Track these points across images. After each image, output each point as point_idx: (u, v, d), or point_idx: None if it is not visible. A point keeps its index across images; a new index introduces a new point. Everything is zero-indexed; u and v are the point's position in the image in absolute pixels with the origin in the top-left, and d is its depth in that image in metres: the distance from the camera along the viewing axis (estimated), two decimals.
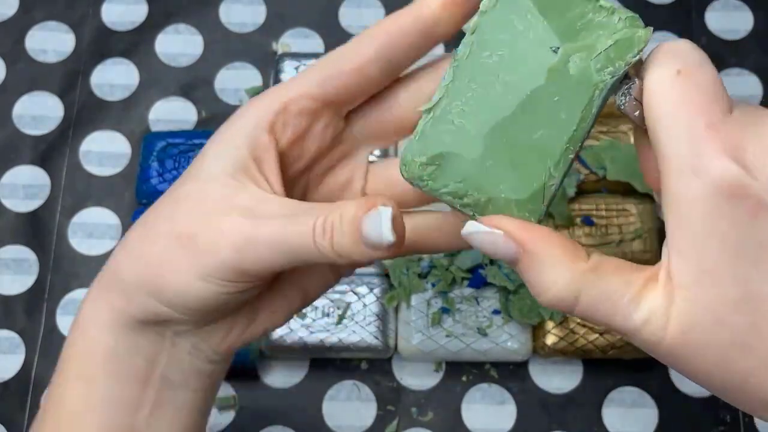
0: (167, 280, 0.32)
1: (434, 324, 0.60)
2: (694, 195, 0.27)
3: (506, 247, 0.29)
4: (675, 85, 0.28)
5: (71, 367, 0.35)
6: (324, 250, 0.31)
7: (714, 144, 0.27)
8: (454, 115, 0.31)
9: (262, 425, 0.61)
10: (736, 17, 0.72)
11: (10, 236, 0.66)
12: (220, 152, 0.33)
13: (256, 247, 0.31)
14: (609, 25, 0.30)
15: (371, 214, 0.30)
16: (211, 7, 0.73)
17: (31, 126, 0.69)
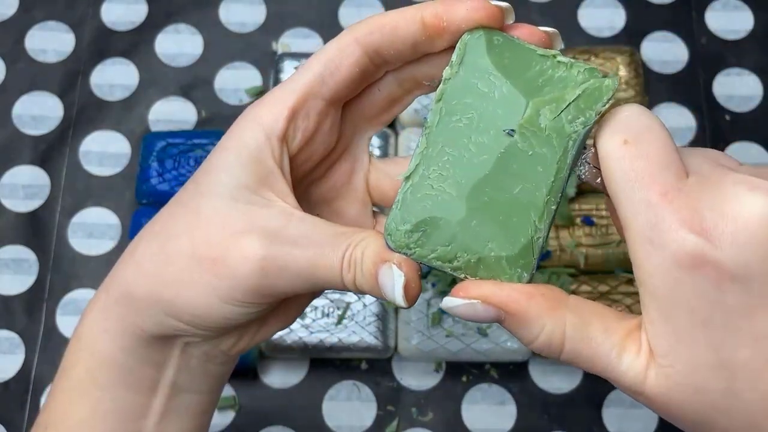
0: (186, 301, 0.32)
1: (434, 324, 0.60)
2: (656, 267, 0.27)
3: (486, 314, 0.30)
4: (623, 156, 0.28)
5: (75, 380, 0.34)
6: (348, 284, 0.31)
7: (670, 214, 0.27)
8: (432, 180, 0.31)
9: (262, 425, 0.61)
10: (736, 17, 0.72)
11: (10, 236, 0.66)
12: (235, 165, 0.32)
13: (283, 274, 0.31)
14: (569, 79, 0.30)
15: (386, 271, 0.31)
16: (211, 7, 0.73)
17: (31, 126, 0.69)
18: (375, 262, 0.31)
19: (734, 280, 0.26)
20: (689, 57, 0.71)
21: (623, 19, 0.72)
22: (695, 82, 0.70)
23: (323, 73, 0.32)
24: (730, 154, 0.68)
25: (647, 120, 0.29)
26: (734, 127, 0.69)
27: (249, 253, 0.31)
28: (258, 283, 0.31)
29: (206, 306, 0.32)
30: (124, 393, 0.34)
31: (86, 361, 0.34)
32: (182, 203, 0.33)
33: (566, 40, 0.72)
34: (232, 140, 0.33)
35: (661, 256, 0.27)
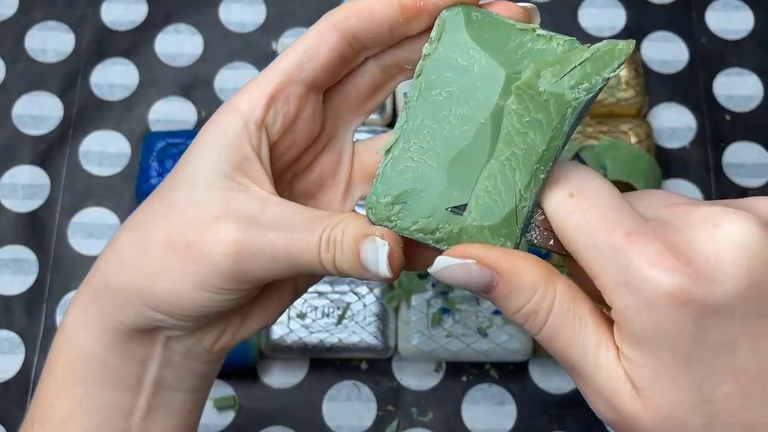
0: (163, 290, 0.32)
1: (434, 324, 0.60)
2: (635, 310, 0.26)
3: (481, 275, 0.28)
4: (573, 210, 0.28)
5: (59, 376, 0.34)
6: (327, 265, 0.30)
7: (639, 254, 0.26)
8: (413, 152, 0.31)
9: (262, 425, 0.61)
10: (736, 17, 0.72)
11: (10, 236, 0.66)
12: (212, 152, 0.32)
13: (258, 258, 0.30)
14: (549, 51, 0.29)
15: (368, 245, 0.30)
16: (211, 7, 0.73)
17: (31, 126, 0.69)
18: (356, 238, 0.30)
19: (716, 314, 0.26)
20: (689, 57, 0.71)
21: (623, 19, 0.72)
22: (695, 82, 0.70)
23: (301, 59, 0.32)
24: (731, 154, 0.68)
25: (586, 172, 0.29)
26: (734, 127, 0.69)
27: (223, 237, 0.30)
28: (233, 268, 0.31)
29: (182, 293, 0.31)
30: (107, 390, 0.34)
31: (68, 355, 0.34)
32: (160, 194, 0.33)
33: None
34: (209, 129, 0.33)
35: (639, 298, 0.26)
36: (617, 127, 0.64)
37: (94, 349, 0.33)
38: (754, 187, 0.67)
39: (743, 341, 0.26)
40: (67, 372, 0.34)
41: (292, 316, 0.60)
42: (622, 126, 0.64)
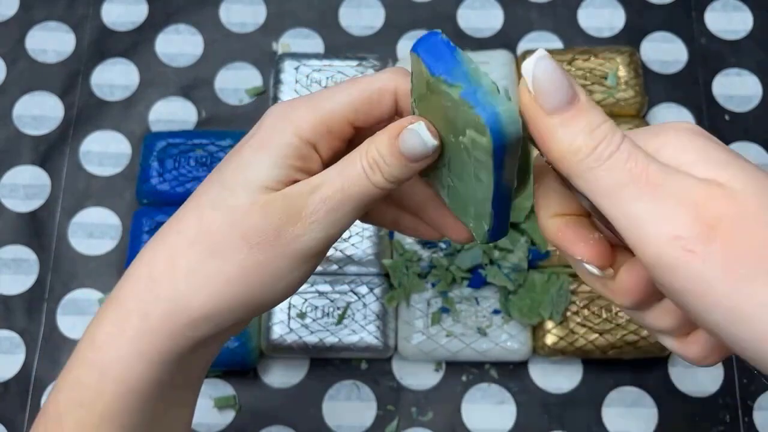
0: (260, 290, 0.33)
1: (434, 324, 0.60)
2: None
3: (562, 81, 0.29)
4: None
5: (101, 411, 0.33)
6: (381, 184, 0.32)
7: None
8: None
9: (262, 425, 0.61)
10: (736, 17, 0.72)
11: (10, 236, 0.66)
12: (268, 161, 0.33)
13: (335, 213, 0.32)
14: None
15: (408, 134, 0.32)
16: (211, 7, 0.73)
17: (31, 126, 0.69)
18: (390, 139, 0.32)
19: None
20: (689, 57, 0.71)
21: (623, 20, 0.72)
22: (695, 82, 0.70)
23: (359, 108, 0.34)
24: None
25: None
26: (734, 127, 0.69)
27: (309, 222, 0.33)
28: (320, 238, 0.33)
29: (280, 279, 0.33)
30: (153, 406, 0.34)
31: (115, 391, 0.33)
32: (213, 204, 0.33)
33: (566, 40, 0.72)
34: (262, 138, 0.33)
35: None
36: None
37: (147, 376, 0.33)
38: None
39: None
40: (114, 406, 0.33)
41: (293, 316, 0.61)
42: (622, 126, 0.64)
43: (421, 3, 0.73)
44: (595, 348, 0.59)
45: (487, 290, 0.61)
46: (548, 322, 0.59)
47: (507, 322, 0.60)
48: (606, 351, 0.59)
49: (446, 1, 0.73)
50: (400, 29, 0.72)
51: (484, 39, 0.72)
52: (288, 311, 0.61)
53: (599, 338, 0.59)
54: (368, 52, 0.70)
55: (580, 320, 0.59)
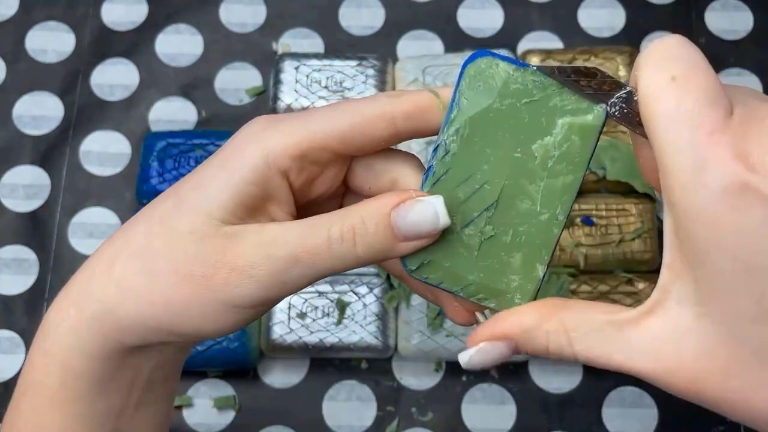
0: (182, 317, 0.31)
1: (434, 324, 0.60)
2: (699, 208, 0.26)
3: (497, 350, 0.30)
4: (670, 94, 0.27)
5: (50, 393, 0.33)
6: (348, 260, 0.30)
7: (717, 154, 0.25)
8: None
9: (262, 425, 0.61)
10: (736, 17, 0.72)
11: (10, 236, 0.66)
12: (226, 185, 0.31)
13: (282, 279, 0.30)
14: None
15: (418, 206, 0.30)
16: (211, 7, 0.73)
17: (31, 126, 0.69)
18: (385, 205, 0.30)
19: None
20: None
21: (623, 19, 0.72)
22: None
23: (346, 135, 0.31)
24: None
25: (694, 55, 0.27)
26: None
27: (243, 263, 0.30)
28: (256, 293, 0.31)
29: (206, 319, 0.31)
30: (101, 399, 0.33)
31: (59, 375, 0.33)
32: (160, 214, 0.32)
33: (566, 40, 0.72)
34: (228, 158, 0.32)
35: (705, 195, 0.25)
36: (616, 127, 0.64)
37: (89, 366, 0.33)
38: None
39: None
40: (58, 389, 0.33)
41: (292, 316, 0.61)
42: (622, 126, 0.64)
43: (421, 3, 0.73)
44: None
45: None
46: None
47: None
48: None
49: (446, 1, 0.73)
50: (400, 29, 0.72)
51: (484, 39, 0.72)
52: (288, 311, 0.61)
53: None
54: (368, 52, 0.70)
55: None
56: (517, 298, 0.31)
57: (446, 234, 0.31)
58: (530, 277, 0.31)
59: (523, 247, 0.31)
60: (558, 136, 0.29)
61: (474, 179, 0.30)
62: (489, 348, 0.30)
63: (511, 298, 0.31)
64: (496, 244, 0.31)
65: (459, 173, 0.30)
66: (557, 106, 0.29)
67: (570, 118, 0.29)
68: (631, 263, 0.61)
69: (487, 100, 0.30)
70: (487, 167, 0.30)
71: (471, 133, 0.30)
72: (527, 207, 0.30)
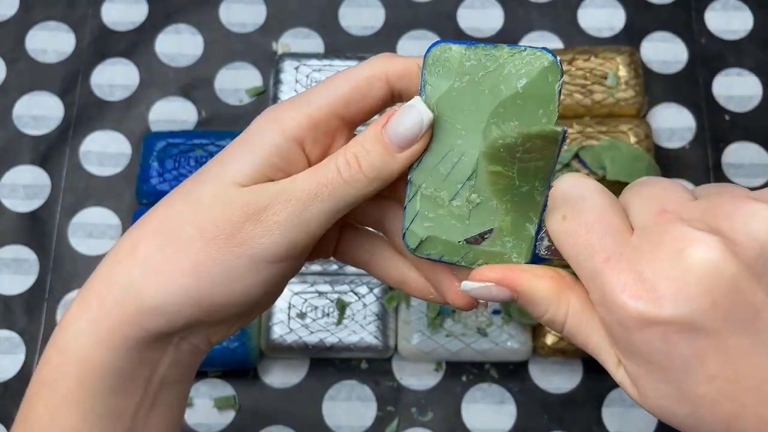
0: (210, 280, 0.32)
1: (434, 324, 0.60)
2: (612, 326, 0.30)
3: (501, 293, 0.32)
4: (565, 231, 0.31)
5: (65, 390, 0.33)
6: (357, 181, 0.32)
7: (612, 281, 0.29)
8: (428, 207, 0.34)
9: (262, 425, 0.61)
10: (736, 17, 0.72)
11: (10, 236, 0.66)
12: (245, 156, 0.32)
13: (303, 219, 0.32)
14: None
15: (401, 113, 0.32)
16: (211, 7, 0.73)
17: (31, 126, 0.69)
18: (378, 125, 0.32)
19: (681, 332, 0.28)
20: (689, 57, 0.71)
21: (623, 19, 0.72)
22: (695, 82, 0.70)
23: (351, 99, 0.33)
24: (730, 154, 0.68)
25: (580, 189, 0.31)
26: (734, 127, 0.69)
27: (264, 222, 0.32)
28: (281, 240, 0.32)
29: (233, 279, 0.32)
30: (115, 396, 0.33)
31: (75, 371, 0.33)
32: (181, 193, 0.33)
33: (566, 40, 0.72)
34: (246, 134, 0.33)
35: (613, 318, 0.29)
36: (617, 127, 0.64)
37: (107, 360, 0.33)
38: (753, 187, 0.66)
39: (712, 353, 0.28)
40: (74, 386, 0.33)
41: (292, 316, 0.61)
42: (622, 126, 0.64)
43: (421, 3, 0.73)
44: None
45: None
46: None
47: (507, 322, 0.60)
48: None
49: (446, 1, 0.73)
50: (400, 29, 0.72)
51: (484, 39, 0.72)
52: (288, 311, 0.61)
53: None
54: (368, 52, 0.70)
55: None
56: (515, 257, 0.33)
57: (438, 209, 0.33)
58: (522, 236, 0.33)
59: (511, 212, 0.32)
60: (522, 91, 0.31)
61: (452, 154, 0.32)
62: (495, 290, 0.32)
63: (509, 257, 0.33)
64: (485, 209, 0.33)
65: (437, 151, 0.32)
66: (512, 72, 0.31)
67: (526, 79, 0.31)
68: None
69: (448, 82, 0.32)
70: (461, 141, 0.32)
71: (440, 113, 0.32)
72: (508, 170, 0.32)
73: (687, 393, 0.29)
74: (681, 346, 0.28)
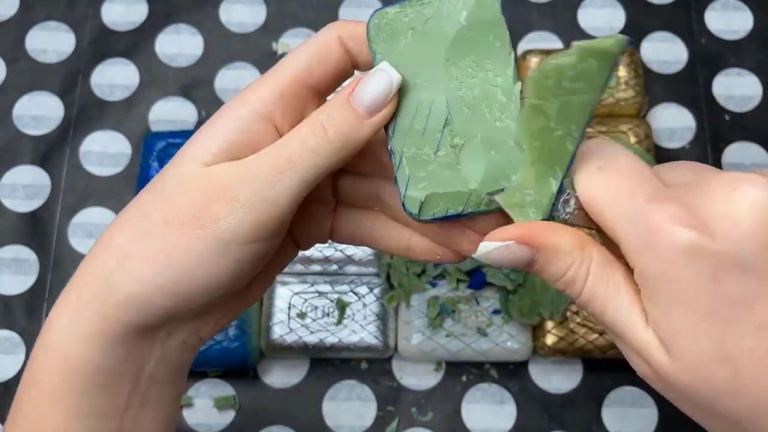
0: (177, 263, 0.31)
1: (434, 324, 0.60)
2: (655, 268, 0.28)
3: (522, 253, 0.31)
4: (601, 180, 0.29)
5: (50, 388, 0.33)
6: (324, 149, 0.31)
7: (661, 215, 0.28)
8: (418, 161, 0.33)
9: (262, 425, 0.61)
10: (736, 17, 0.72)
11: (10, 236, 0.66)
12: (209, 136, 0.32)
13: (266, 196, 0.31)
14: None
15: (370, 77, 0.31)
16: (211, 7, 0.73)
17: (31, 126, 0.69)
18: (344, 93, 0.31)
19: (731, 271, 0.27)
20: (689, 57, 0.71)
21: (623, 20, 0.72)
22: (695, 82, 0.70)
23: (310, 63, 0.33)
24: (730, 154, 0.68)
25: (613, 145, 0.30)
26: (734, 127, 0.69)
27: (226, 198, 0.31)
28: (245, 219, 0.31)
29: (201, 263, 0.31)
30: (102, 394, 0.33)
31: (59, 368, 0.32)
32: (151, 182, 0.33)
33: (566, 40, 0.72)
34: (215, 117, 0.33)
35: (658, 256, 0.28)
36: (617, 127, 0.64)
37: (89, 357, 0.32)
38: None
39: (760, 299, 0.27)
40: (58, 383, 0.33)
41: (292, 316, 0.61)
42: (622, 126, 0.64)
43: None
44: (595, 348, 0.59)
45: (487, 290, 0.61)
46: (548, 322, 0.59)
47: (507, 322, 0.60)
48: (606, 351, 0.59)
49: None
50: None
51: None
52: (288, 311, 0.61)
53: (599, 338, 0.59)
54: None
55: (580, 320, 0.59)
56: (532, 212, 0.32)
57: (427, 167, 0.32)
58: (544, 191, 0.31)
59: (537, 162, 0.31)
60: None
61: (422, 108, 0.32)
62: (516, 249, 0.30)
63: (526, 211, 0.32)
64: (472, 148, 0.32)
65: (407, 112, 0.32)
66: (450, 10, 0.32)
67: (465, 11, 0.32)
68: None
69: (394, 44, 0.32)
70: (426, 93, 0.32)
71: (399, 75, 0.32)
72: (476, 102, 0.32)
73: (731, 349, 0.28)
74: (728, 286, 0.27)
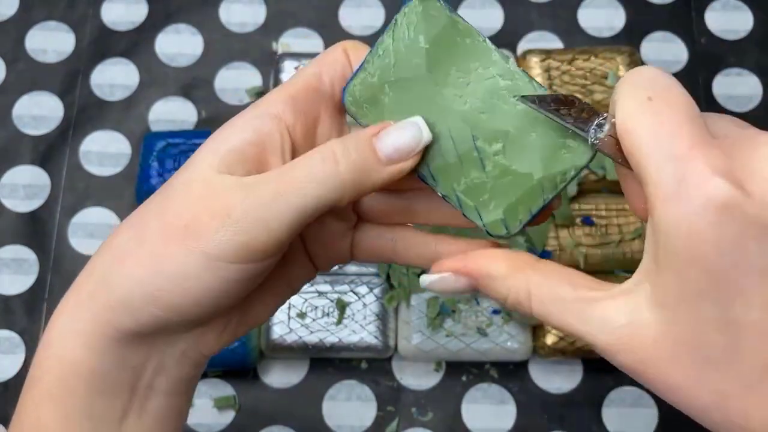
0: (166, 273, 0.30)
1: (434, 324, 0.60)
2: (680, 220, 0.26)
3: (458, 283, 0.32)
4: (648, 112, 0.27)
5: (47, 387, 0.32)
6: (327, 175, 0.30)
7: (698, 168, 0.25)
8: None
9: (262, 425, 0.61)
10: (736, 17, 0.72)
11: (10, 236, 0.66)
12: (226, 139, 0.32)
13: (256, 218, 0.30)
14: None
15: (401, 127, 0.31)
16: (211, 7, 0.73)
17: (31, 126, 0.69)
18: (367, 132, 0.31)
19: (759, 236, 0.25)
20: (689, 57, 0.71)
21: (623, 19, 0.72)
22: (695, 82, 0.70)
23: (320, 71, 0.33)
24: None
25: (669, 79, 0.28)
26: None
27: (221, 207, 0.30)
28: (235, 238, 0.30)
29: (188, 273, 0.30)
30: (99, 398, 0.33)
31: (57, 368, 0.32)
32: (157, 193, 0.33)
33: (566, 40, 0.72)
34: (229, 123, 0.32)
35: (688, 207, 0.26)
36: None
37: (85, 357, 0.32)
38: None
39: None
40: (55, 383, 0.32)
41: (292, 316, 0.61)
42: None
43: None
44: None
45: None
46: None
47: (507, 322, 0.60)
48: None
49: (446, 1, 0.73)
50: None
51: None
52: (288, 311, 0.61)
53: None
54: None
55: None
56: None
57: (485, 187, 0.32)
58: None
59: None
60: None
61: (444, 141, 0.32)
62: (452, 280, 0.31)
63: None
64: (512, 142, 0.31)
65: (433, 152, 0.32)
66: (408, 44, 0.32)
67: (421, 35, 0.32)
68: (631, 263, 0.61)
69: (379, 106, 0.32)
70: (438, 128, 0.32)
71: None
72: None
73: (736, 317, 0.26)
74: (753, 254, 0.25)
